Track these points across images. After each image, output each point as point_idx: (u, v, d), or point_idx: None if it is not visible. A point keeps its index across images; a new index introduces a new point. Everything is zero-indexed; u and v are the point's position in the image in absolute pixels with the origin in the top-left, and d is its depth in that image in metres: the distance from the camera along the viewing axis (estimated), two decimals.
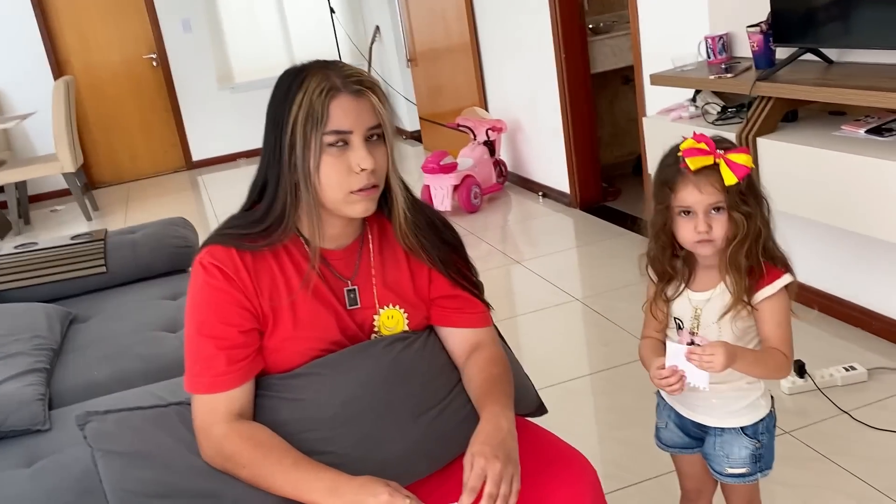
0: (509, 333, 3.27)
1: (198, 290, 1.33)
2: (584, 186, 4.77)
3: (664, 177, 1.45)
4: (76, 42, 7.37)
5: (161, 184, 7.50)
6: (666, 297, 1.53)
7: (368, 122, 1.30)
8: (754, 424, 1.55)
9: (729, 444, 1.55)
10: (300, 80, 1.30)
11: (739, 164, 1.36)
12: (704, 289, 1.50)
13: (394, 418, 1.36)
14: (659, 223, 1.48)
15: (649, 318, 1.59)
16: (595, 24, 5.01)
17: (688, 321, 1.51)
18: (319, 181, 1.30)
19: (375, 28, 7.65)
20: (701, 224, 1.41)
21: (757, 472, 1.57)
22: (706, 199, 1.40)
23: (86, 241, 2.87)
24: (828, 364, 2.57)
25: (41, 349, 2.22)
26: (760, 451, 1.56)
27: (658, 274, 1.53)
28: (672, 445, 1.67)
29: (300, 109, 1.27)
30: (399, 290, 1.44)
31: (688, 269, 1.51)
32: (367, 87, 1.30)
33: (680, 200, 1.42)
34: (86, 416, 1.40)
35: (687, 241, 1.46)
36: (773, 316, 1.45)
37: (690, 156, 1.38)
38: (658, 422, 1.69)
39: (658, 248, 1.51)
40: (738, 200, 1.40)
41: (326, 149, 1.29)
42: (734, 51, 3.08)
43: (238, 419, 1.32)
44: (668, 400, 1.63)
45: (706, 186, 1.39)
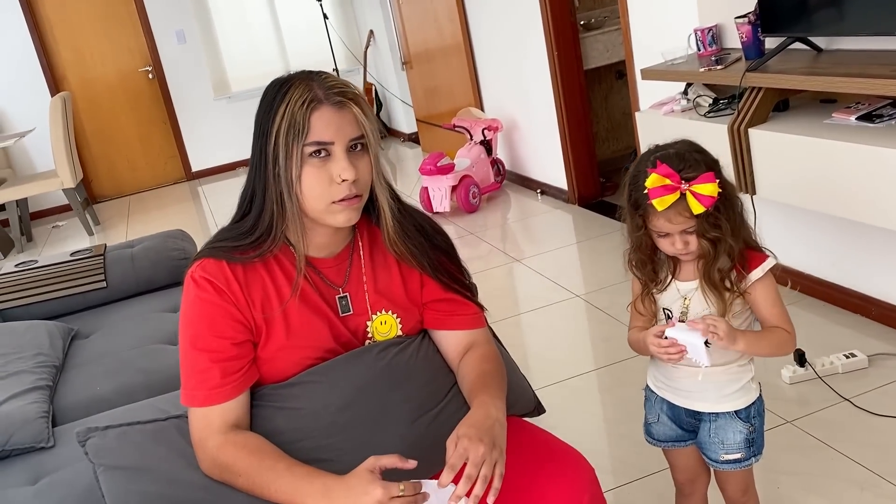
0: (511, 332, 3.31)
1: (190, 305, 1.35)
2: (582, 182, 4.78)
3: (636, 201, 1.49)
4: (72, 57, 7.40)
5: (162, 195, 7.52)
6: (652, 292, 1.56)
7: (351, 133, 1.31)
8: (747, 408, 1.58)
9: (723, 429, 1.59)
10: (284, 91, 1.31)
11: (705, 195, 1.40)
12: (690, 278, 1.53)
13: (390, 423, 1.37)
14: (636, 236, 1.53)
15: (635, 314, 1.62)
16: (586, 20, 5.02)
17: (677, 311, 1.54)
18: (302, 191, 1.31)
19: (369, 32, 7.66)
20: (678, 243, 1.47)
21: (751, 456, 1.60)
22: (678, 227, 1.45)
23: (85, 256, 2.89)
24: (828, 352, 2.58)
25: (44, 366, 2.24)
26: (753, 434, 1.59)
27: (642, 273, 1.57)
28: (664, 440, 1.69)
29: (283, 120, 1.29)
30: (391, 296, 1.45)
31: (672, 261, 1.55)
32: (349, 98, 1.31)
33: (653, 226, 1.48)
34: (86, 431, 1.42)
35: (667, 252, 1.52)
36: (765, 297, 1.51)
37: (656, 196, 1.41)
38: (648, 417, 1.71)
39: (639, 256, 1.56)
40: (706, 226, 1.44)
41: (308, 159, 1.30)
42: (724, 42, 3.08)
43: (233, 430, 1.33)
44: (658, 392, 1.65)
45: (675, 216, 1.43)
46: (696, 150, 1.49)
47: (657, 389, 1.66)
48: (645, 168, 1.46)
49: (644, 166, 1.47)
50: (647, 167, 1.44)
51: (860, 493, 2.03)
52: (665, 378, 1.62)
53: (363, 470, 1.21)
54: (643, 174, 1.45)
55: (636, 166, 1.51)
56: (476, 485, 1.18)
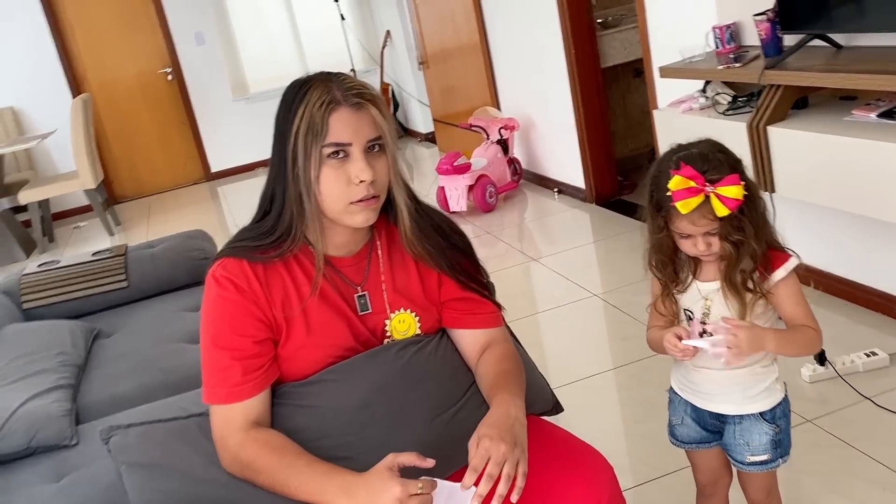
0: (529, 331, 3.30)
1: (211, 303, 1.36)
2: (600, 181, 4.77)
3: (658, 202, 1.46)
4: (92, 60, 7.47)
5: (181, 196, 7.58)
6: (673, 293, 1.54)
7: (368, 135, 1.32)
8: (772, 409, 1.56)
9: (748, 431, 1.56)
10: (303, 92, 1.32)
11: (730, 197, 1.37)
12: (712, 278, 1.51)
13: (409, 422, 1.38)
14: (657, 237, 1.51)
15: (655, 314, 1.60)
16: (604, 18, 5.00)
17: (698, 311, 1.52)
18: (320, 192, 1.32)
19: (386, 33, 7.68)
20: (700, 244, 1.44)
21: (777, 457, 1.58)
22: (701, 229, 1.42)
23: (107, 256, 2.92)
24: (848, 350, 2.56)
25: (66, 365, 2.27)
26: (780, 436, 1.57)
27: (663, 274, 1.54)
28: (689, 441, 1.67)
29: (302, 122, 1.30)
30: (409, 294, 1.46)
31: (693, 262, 1.53)
32: (367, 99, 1.32)
33: (676, 228, 1.46)
34: (109, 430, 1.44)
35: (689, 253, 1.49)
36: (789, 296, 1.48)
37: (680, 198, 1.38)
38: (672, 418, 1.69)
39: (659, 257, 1.53)
40: (730, 228, 1.41)
41: (326, 160, 1.31)
42: (742, 40, 3.07)
43: (254, 427, 1.35)
44: (682, 394, 1.64)
45: (699, 219, 1.41)
46: (719, 149, 1.46)
47: (681, 391, 1.64)
48: (667, 168, 1.43)
49: (666, 167, 1.44)
50: (670, 168, 1.41)
51: (882, 493, 2.01)
52: (688, 381, 1.61)
53: (382, 467, 1.22)
54: (665, 175, 1.42)
55: (658, 166, 1.48)
56: (499, 484, 1.18)
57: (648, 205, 1.50)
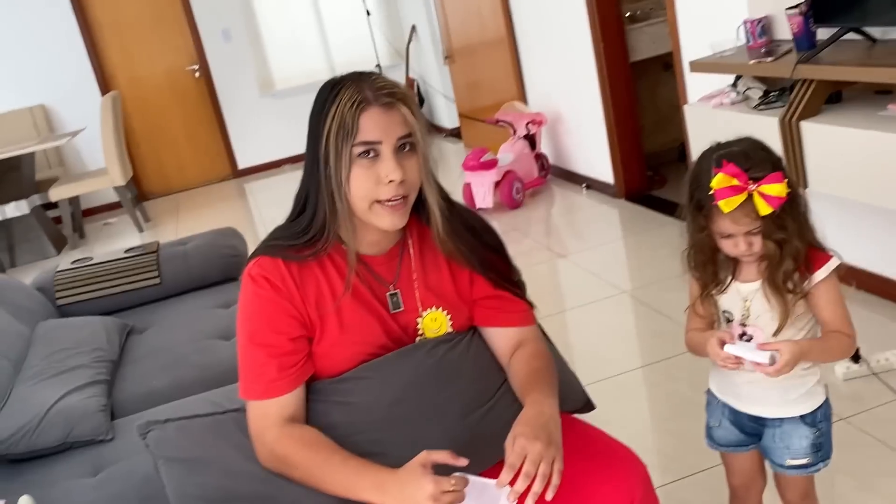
0: (558, 329, 3.30)
1: (248, 301, 1.38)
2: (629, 176, 4.74)
3: (699, 201, 1.43)
4: (120, 57, 7.55)
5: (209, 193, 7.64)
6: (712, 294, 1.52)
7: (398, 133, 1.32)
8: (813, 412, 1.53)
9: (789, 434, 1.53)
10: (335, 93, 1.33)
11: (773, 195, 1.34)
12: (752, 279, 1.48)
13: (441, 419, 1.38)
14: (698, 237, 1.48)
15: (693, 316, 1.58)
16: (632, 11, 4.97)
17: (738, 313, 1.50)
18: (350, 191, 1.33)
19: (412, 28, 7.69)
20: (741, 244, 1.41)
21: (819, 461, 1.55)
22: (743, 229, 1.39)
23: (139, 253, 2.95)
24: (883, 348, 2.53)
25: (101, 361, 2.30)
26: (820, 439, 1.54)
27: (703, 274, 1.52)
28: (726, 444, 1.64)
29: (333, 121, 1.31)
30: (441, 293, 1.46)
31: (732, 262, 1.50)
32: (397, 98, 1.33)
33: (717, 228, 1.43)
34: (147, 425, 1.46)
35: (730, 253, 1.46)
36: (828, 299, 1.45)
37: (723, 197, 1.35)
38: (710, 421, 1.66)
39: (700, 258, 1.51)
40: (772, 227, 1.39)
41: (357, 160, 1.32)
42: (774, 33, 3.03)
43: (290, 423, 1.36)
44: (720, 396, 1.61)
45: (741, 218, 1.38)
46: (760, 147, 1.42)
47: (719, 394, 1.61)
48: (708, 167, 1.40)
49: (707, 165, 1.41)
50: (712, 166, 1.39)
51: None
52: (728, 382, 1.58)
53: (415, 464, 1.23)
54: (706, 173, 1.39)
55: (698, 165, 1.45)
56: (535, 482, 1.19)
57: (688, 204, 1.47)
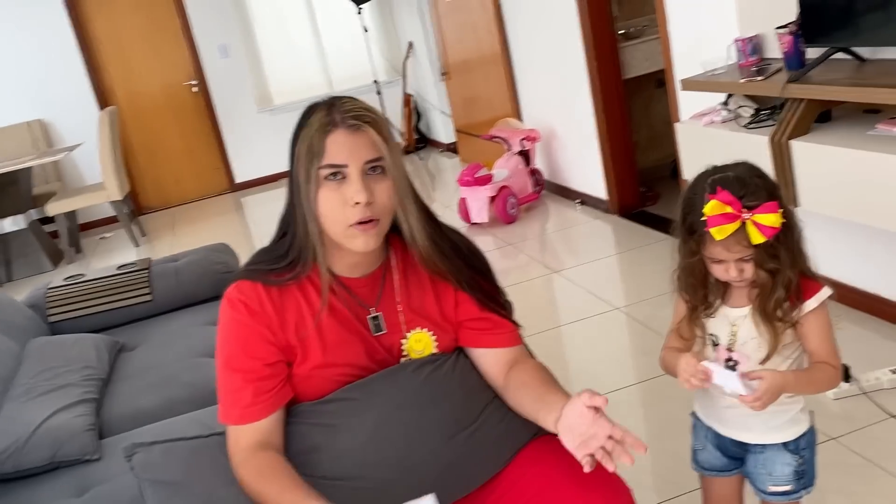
0: (551, 344, 3.30)
1: (225, 326, 1.39)
2: (622, 192, 4.75)
3: (691, 225, 1.41)
4: (119, 72, 7.57)
5: (206, 207, 7.65)
6: (700, 317, 1.51)
7: (366, 156, 1.32)
8: (796, 440, 1.52)
9: (771, 461, 1.53)
10: (308, 116, 1.36)
11: (767, 225, 1.32)
12: (741, 305, 1.47)
13: (426, 441, 1.38)
14: (689, 261, 1.46)
15: (674, 337, 1.57)
16: (626, 29, 4.99)
17: (724, 338, 1.49)
18: (320, 213, 1.34)
19: (409, 44, 7.72)
20: (732, 270, 1.39)
21: (801, 489, 1.54)
22: (735, 256, 1.38)
23: (131, 270, 2.95)
24: (874, 367, 2.53)
25: (91, 379, 2.29)
26: (803, 467, 1.53)
27: (693, 297, 1.50)
28: (710, 468, 1.64)
29: (303, 144, 1.34)
30: (425, 314, 1.47)
31: (722, 286, 1.49)
32: (365, 121, 1.33)
33: (709, 253, 1.41)
34: (132, 447, 1.45)
35: (721, 278, 1.45)
36: (817, 329, 1.43)
37: (715, 224, 1.32)
38: (695, 444, 1.66)
39: (690, 281, 1.49)
40: (765, 256, 1.36)
41: (324, 182, 1.33)
42: (765, 52, 3.05)
43: (257, 450, 1.36)
44: (705, 420, 1.61)
45: (734, 246, 1.36)
46: (756, 174, 1.40)
47: (704, 417, 1.61)
48: (702, 191, 1.37)
49: (701, 189, 1.38)
50: (706, 191, 1.36)
51: None
52: (711, 407, 1.57)
53: None
54: (700, 198, 1.37)
55: (691, 188, 1.43)
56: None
57: (681, 226, 1.44)
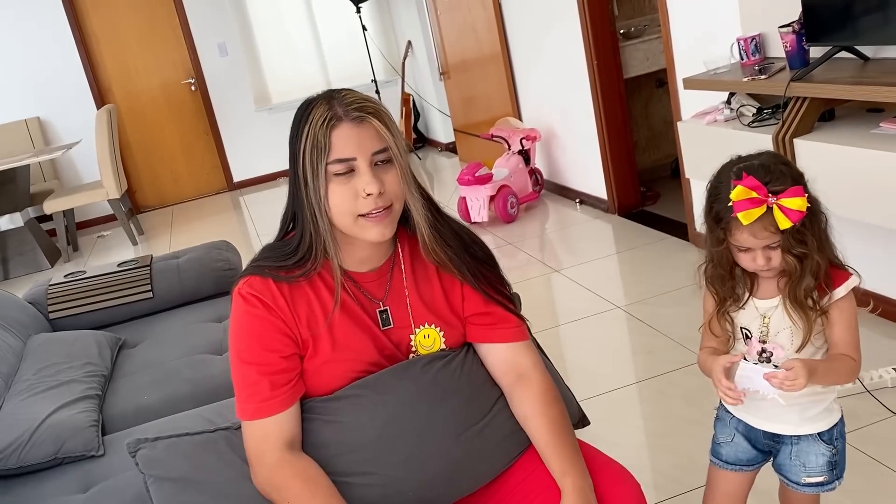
0: (552, 343, 3.29)
1: (239, 320, 1.37)
2: (622, 192, 4.75)
3: (717, 213, 1.42)
4: (117, 70, 7.55)
5: (204, 206, 7.63)
6: (729, 312, 1.50)
7: (373, 147, 1.32)
8: (830, 429, 1.52)
9: (805, 452, 1.52)
10: (308, 112, 1.34)
11: (793, 209, 1.33)
12: (770, 296, 1.47)
13: (435, 437, 1.37)
14: (716, 251, 1.46)
15: (708, 334, 1.55)
16: (626, 28, 4.99)
17: (756, 330, 1.48)
18: (330, 209, 1.34)
19: (407, 43, 7.71)
20: (759, 259, 1.40)
21: (834, 479, 1.53)
22: (762, 242, 1.38)
23: (132, 267, 2.94)
24: (877, 365, 2.53)
25: (93, 376, 2.29)
26: (836, 457, 1.52)
27: (721, 289, 1.50)
28: (734, 462, 1.61)
29: (307, 141, 1.32)
30: (434, 309, 1.46)
31: (749, 278, 1.48)
32: (368, 113, 1.33)
33: (736, 241, 1.41)
34: (136, 442, 1.44)
35: (748, 268, 1.45)
36: (842, 319, 1.44)
37: (742, 209, 1.34)
38: (720, 437, 1.63)
39: (717, 272, 1.49)
40: (792, 241, 1.37)
41: (333, 178, 1.32)
42: (767, 51, 3.05)
43: (291, 449, 1.35)
44: (735, 412, 1.58)
45: (760, 231, 1.36)
46: (781, 161, 1.41)
47: (734, 410, 1.58)
48: (727, 179, 1.39)
49: (726, 177, 1.39)
50: (731, 178, 1.38)
51: None
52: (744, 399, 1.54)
53: None
54: (726, 185, 1.38)
55: (717, 177, 1.44)
56: None
57: (707, 216, 1.45)
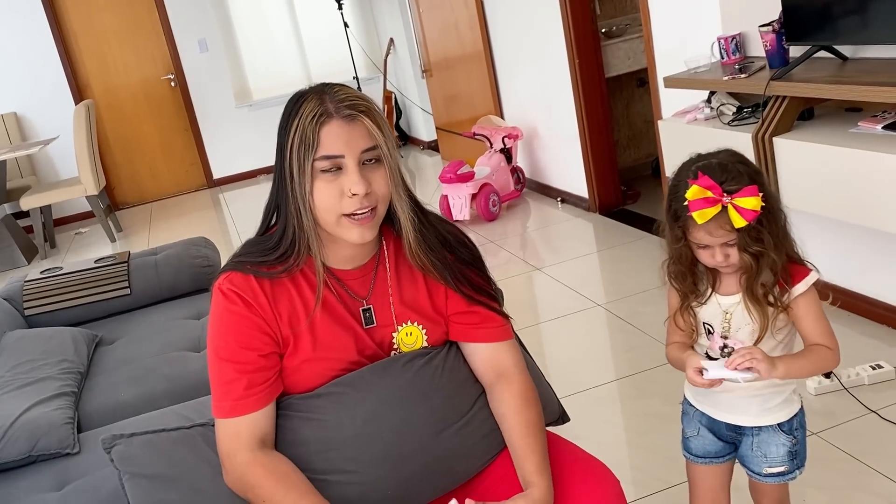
0: (532, 341, 3.29)
1: (218, 316, 1.35)
2: (603, 190, 4.76)
3: (675, 212, 1.44)
4: (96, 66, 7.48)
5: (183, 203, 7.58)
6: (692, 306, 1.52)
7: (362, 146, 1.30)
8: (790, 420, 1.55)
9: (766, 442, 1.55)
10: (298, 106, 1.31)
11: (747, 208, 1.36)
12: (732, 291, 1.49)
13: (415, 435, 1.36)
14: (676, 248, 1.49)
15: (673, 328, 1.57)
16: (608, 27, 5.01)
17: (718, 325, 1.50)
18: (315, 205, 1.31)
19: (390, 40, 7.69)
20: (718, 255, 1.43)
21: (794, 469, 1.56)
22: (719, 240, 1.41)
23: (109, 263, 2.91)
24: (854, 363, 2.55)
25: (69, 373, 2.26)
26: (797, 447, 1.55)
27: (682, 285, 1.52)
28: (703, 455, 1.64)
29: (295, 135, 1.29)
30: (417, 307, 1.45)
31: (712, 274, 1.51)
32: (360, 111, 1.30)
33: (694, 238, 1.44)
34: (112, 439, 1.42)
35: (708, 264, 1.47)
36: (808, 312, 1.46)
37: (697, 208, 1.37)
38: (687, 431, 1.66)
39: (678, 268, 1.51)
40: (748, 239, 1.40)
41: (320, 174, 1.30)
42: (748, 51, 3.07)
43: (262, 447, 1.33)
44: (698, 406, 1.61)
45: (717, 230, 1.39)
46: (739, 160, 1.44)
47: (696, 403, 1.62)
48: (685, 178, 1.41)
49: (685, 176, 1.42)
50: (688, 178, 1.40)
51: None
52: (705, 392, 1.58)
53: None
54: (683, 184, 1.41)
55: (676, 176, 1.47)
56: None
57: (666, 214, 1.48)
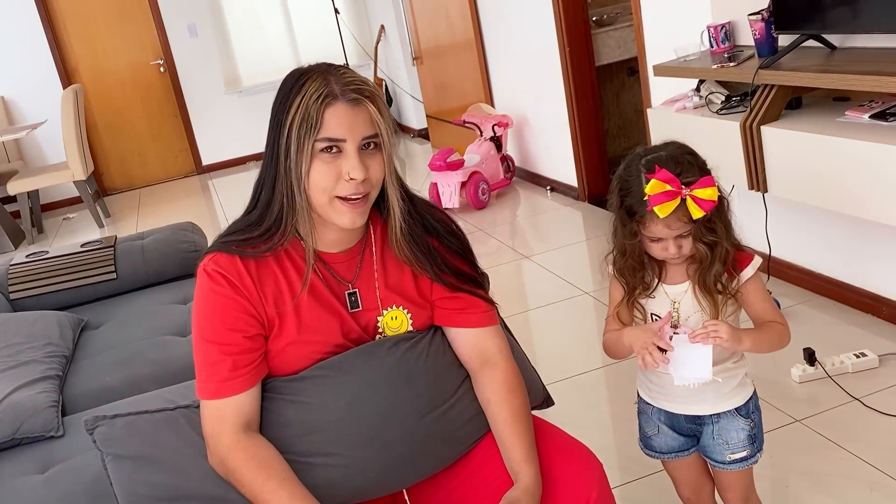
0: (520, 328, 3.30)
1: (203, 297, 1.34)
2: (592, 179, 4.77)
3: (630, 207, 1.44)
4: (84, 50, 7.42)
5: (172, 189, 7.54)
6: (638, 300, 1.53)
7: (364, 132, 1.29)
8: (746, 403, 1.58)
9: (726, 429, 1.57)
10: (301, 83, 1.29)
11: (705, 199, 1.37)
12: (679, 281, 1.51)
13: (399, 419, 1.36)
14: (629, 243, 1.49)
15: (613, 321, 1.58)
16: (598, 16, 5.01)
17: (666, 314, 1.51)
18: (309, 185, 1.30)
19: (380, 27, 7.66)
20: (671, 248, 1.44)
21: (756, 452, 1.59)
22: (675, 233, 1.42)
23: (96, 248, 2.90)
24: (838, 351, 2.57)
25: (54, 356, 2.25)
26: (755, 430, 1.58)
27: (633, 279, 1.53)
28: (666, 451, 1.66)
29: (297, 113, 1.28)
30: (402, 291, 1.44)
31: (658, 266, 1.53)
32: (365, 96, 1.29)
33: (649, 232, 1.44)
34: (94, 420, 1.42)
35: (658, 257, 1.49)
36: (756, 295, 1.52)
37: (658, 202, 1.37)
38: (647, 430, 1.67)
39: (629, 263, 1.52)
40: (703, 230, 1.42)
41: (318, 154, 1.29)
42: (737, 39, 3.07)
43: (246, 430, 1.33)
44: (654, 403, 1.62)
45: (674, 223, 1.40)
46: (687, 152, 1.45)
47: (652, 400, 1.62)
48: (637, 173, 1.42)
49: (636, 171, 1.43)
50: (644, 172, 1.41)
51: (869, 494, 2.02)
52: (659, 387, 1.59)
53: None
54: (637, 179, 1.42)
55: (625, 171, 1.47)
56: None
57: (618, 210, 1.48)
